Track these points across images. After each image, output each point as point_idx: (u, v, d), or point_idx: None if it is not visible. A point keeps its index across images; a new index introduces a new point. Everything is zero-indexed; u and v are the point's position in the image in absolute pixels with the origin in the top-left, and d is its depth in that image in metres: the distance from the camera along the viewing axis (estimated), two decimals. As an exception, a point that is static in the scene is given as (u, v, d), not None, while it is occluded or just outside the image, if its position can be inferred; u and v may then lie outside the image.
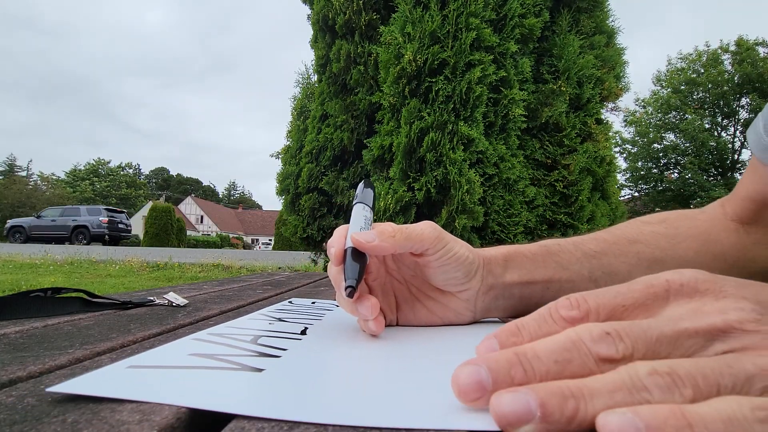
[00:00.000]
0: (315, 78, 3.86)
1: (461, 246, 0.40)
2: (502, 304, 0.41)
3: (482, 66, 2.44)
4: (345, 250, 0.37)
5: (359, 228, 0.39)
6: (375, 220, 0.42)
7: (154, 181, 72.39)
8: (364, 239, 0.36)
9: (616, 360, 0.19)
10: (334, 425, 0.19)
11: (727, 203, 0.48)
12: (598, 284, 0.41)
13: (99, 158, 57.91)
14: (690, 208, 0.51)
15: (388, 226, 0.37)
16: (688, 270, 0.22)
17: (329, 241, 0.40)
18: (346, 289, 0.35)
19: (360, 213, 0.42)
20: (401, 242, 0.37)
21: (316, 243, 3.65)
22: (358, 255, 0.37)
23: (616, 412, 0.16)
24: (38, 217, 17.10)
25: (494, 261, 0.40)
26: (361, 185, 0.48)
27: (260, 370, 0.27)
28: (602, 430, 0.16)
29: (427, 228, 0.38)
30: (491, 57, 2.51)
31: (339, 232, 0.40)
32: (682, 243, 0.42)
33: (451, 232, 2.71)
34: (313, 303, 0.63)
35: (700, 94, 19.29)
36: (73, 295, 0.54)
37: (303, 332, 0.40)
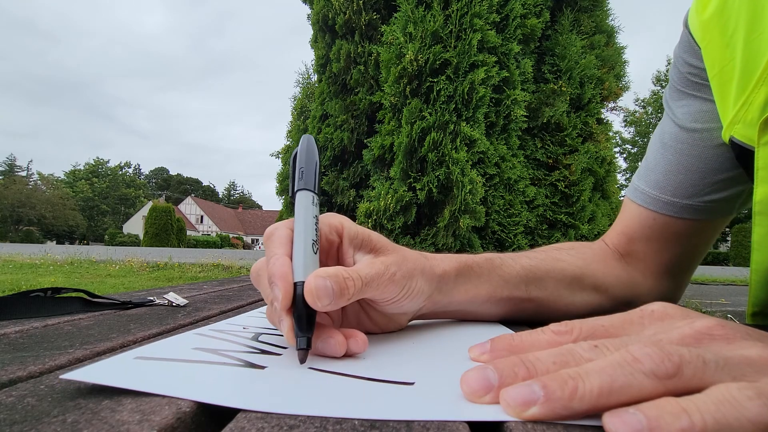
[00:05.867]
0: (315, 78, 3.87)
1: (418, 278, 0.35)
2: (443, 312, 0.42)
3: (486, 67, 2.44)
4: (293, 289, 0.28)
5: (311, 244, 0.30)
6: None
7: (154, 181, 72.41)
8: (321, 301, 0.27)
9: None
10: (335, 420, 0.19)
11: (607, 238, 0.56)
12: (532, 299, 0.45)
13: (98, 158, 57.94)
14: None
15: (349, 281, 0.29)
16: (657, 302, 0.26)
17: (270, 269, 0.29)
18: (299, 350, 0.27)
19: (308, 214, 0.31)
20: (356, 298, 0.30)
21: (316, 243, 3.64)
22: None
23: (619, 410, 0.18)
24: None
25: (447, 277, 0.39)
26: (304, 147, 0.35)
27: (262, 367, 0.27)
28: (608, 424, 0.17)
29: (389, 274, 0.32)
30: (494, 58, 2.51)
31: (278, 251, 0.30)
32: (591, 265, 0.50)
33: (454, 232, 2.69)
34: None
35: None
36: (73, 295, 0.54)
37: None
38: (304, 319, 0.28)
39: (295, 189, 0.33)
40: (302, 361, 0.27)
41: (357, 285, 0.29)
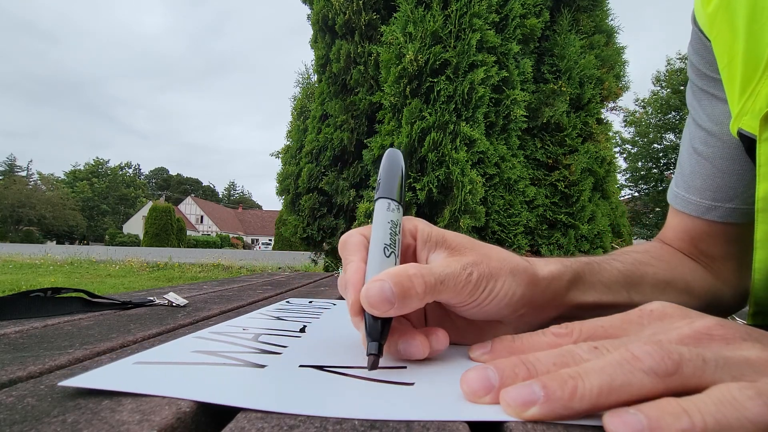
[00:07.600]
0: (315, 78, 3.87)
1: (506, 278, 0.30)
2: (550, 322, 0.35)
3: (485, 67, 2.44)
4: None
5: (381, 248, 0.30)
6: None
7: (154, 181, 72.37)
8: (379, 308, 0.26)
9: None
10: (335, 420, 0.19)
11: (666, 239, 0.53)
12: (635, 305, 0.40)
13: (98, 158, 57.94)
14: None
15: (415, 279, 0.26)
16: (657, 302, 0.26)
17: (343, 275, 0.30)
18: (368, 356, 0.26)
19: (383, 219, 0.31)
20: (429, 299, 0.28)
21: (316, 243, 3.64)
22: None
23: (620, 410, 0.18)
24: None
25: (559, 280, 0.35)
26: (386, 159, 0.36)
27: (262, 366, 0.27)
28: (608, 424, 0.17)
29: (465, 275, 0.29)
30: (494, 58, 2.51)
31: (354, 258, 0.30)
32: (677, 267, 0.47)
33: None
34: (311, 302, 0.64)
35: (701, 95, 19.27)
36: (73, 295, 0.54)
37: (302, 330, 0.40)
38: (371, 324, 0.27)
39: (374, 198, 0.34)
40: (370, 367, 0.26)
41: (428, 282, 0.26)
